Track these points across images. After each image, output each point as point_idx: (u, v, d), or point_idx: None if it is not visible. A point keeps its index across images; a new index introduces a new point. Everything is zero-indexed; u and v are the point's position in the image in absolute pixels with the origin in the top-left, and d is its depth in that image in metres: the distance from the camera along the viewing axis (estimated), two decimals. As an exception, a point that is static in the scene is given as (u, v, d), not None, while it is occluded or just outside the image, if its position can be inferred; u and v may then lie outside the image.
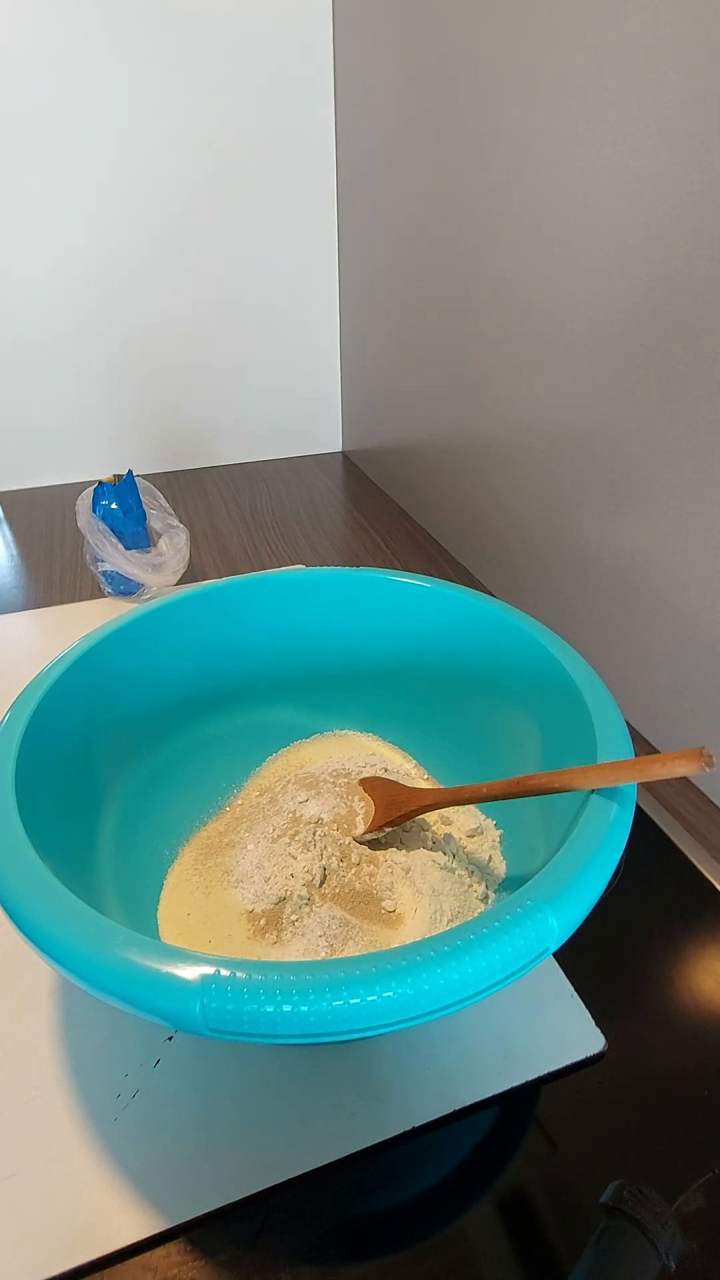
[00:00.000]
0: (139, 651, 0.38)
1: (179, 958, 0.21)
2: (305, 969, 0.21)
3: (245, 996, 0.20)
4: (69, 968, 0.21)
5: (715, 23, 0.35)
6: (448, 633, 0.41)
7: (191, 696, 0.42)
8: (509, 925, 0.22)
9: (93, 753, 0.36)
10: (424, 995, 0.20)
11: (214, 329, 0.90)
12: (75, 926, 0.22)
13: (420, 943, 0.21)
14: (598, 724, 0.30)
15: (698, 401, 0.40)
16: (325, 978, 0.20)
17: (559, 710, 0.33)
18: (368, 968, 0.20)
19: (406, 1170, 0.29)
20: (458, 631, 0.40)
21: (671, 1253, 0.26)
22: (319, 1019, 0.20)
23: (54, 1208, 0.27)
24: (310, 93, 0.81)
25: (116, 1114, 0.30)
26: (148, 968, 0.21)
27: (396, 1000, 0.20)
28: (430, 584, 0.41)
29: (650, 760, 0.25)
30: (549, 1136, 0.30)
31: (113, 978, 0.21)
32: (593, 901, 0.23)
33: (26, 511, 0.86)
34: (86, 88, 0.74)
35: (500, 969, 0.21)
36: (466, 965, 0.21)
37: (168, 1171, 0.28)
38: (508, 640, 0.37)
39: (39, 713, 0.31)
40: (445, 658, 0.41)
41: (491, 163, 0.54)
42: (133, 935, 0.22)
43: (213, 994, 0.20)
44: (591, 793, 0.26)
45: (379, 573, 0.42)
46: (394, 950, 0.21)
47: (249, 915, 0.34)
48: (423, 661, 0.42)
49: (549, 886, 0.23)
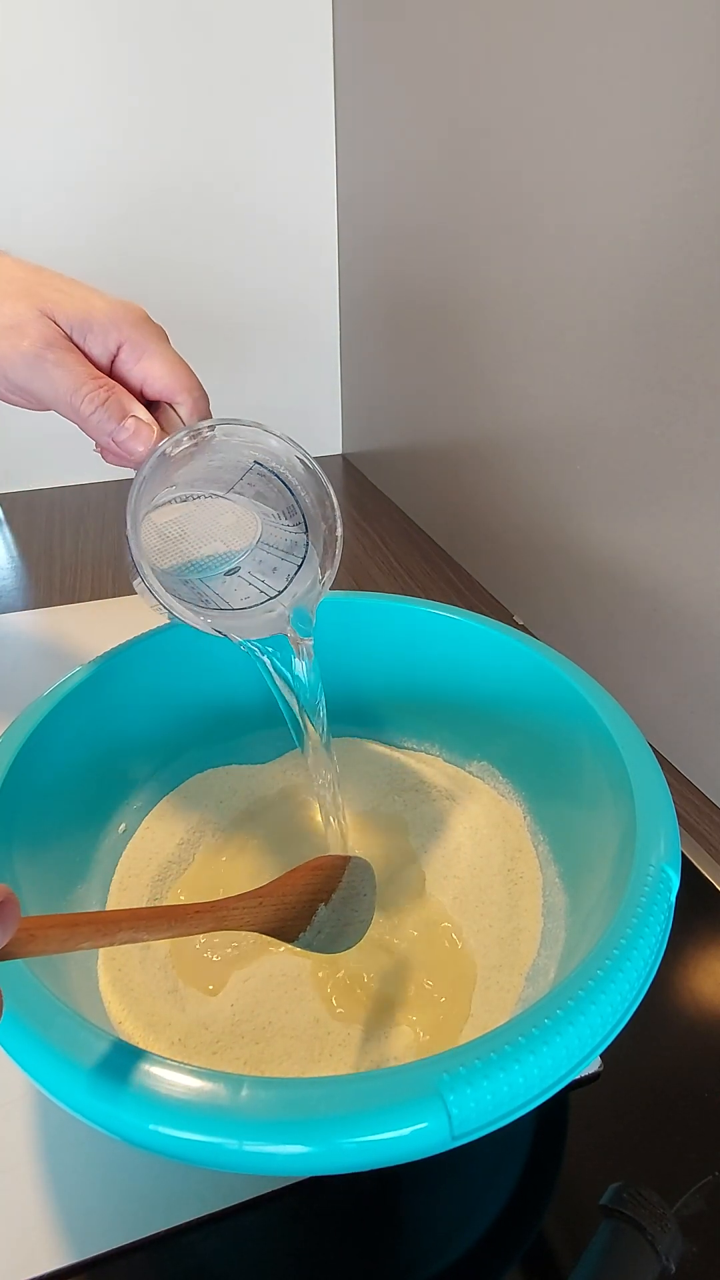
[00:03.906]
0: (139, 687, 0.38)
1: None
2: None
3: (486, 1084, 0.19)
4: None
5: (715, 22, 0.35)
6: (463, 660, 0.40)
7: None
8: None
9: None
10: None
11: (213, 330, 0.90)
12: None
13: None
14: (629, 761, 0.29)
15: (698, 402, 0.40)
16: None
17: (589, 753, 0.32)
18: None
19: (406, 1171, 0.29)
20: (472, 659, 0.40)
21: (672, 1255, 0.26)
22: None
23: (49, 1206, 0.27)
24: (311, 91, 0.81)
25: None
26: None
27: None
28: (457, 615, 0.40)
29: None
30: (549, 1138, 0.30)
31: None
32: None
33: (26, 513, 0.86)
34: (87, 88, 0.74)
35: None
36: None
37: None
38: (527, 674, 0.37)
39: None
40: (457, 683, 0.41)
41: (492, 163, 0.54)
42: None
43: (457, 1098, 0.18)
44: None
45: (397, 601, 0.42)
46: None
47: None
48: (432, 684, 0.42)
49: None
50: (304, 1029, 0.30)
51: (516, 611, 0.64)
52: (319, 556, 0.33)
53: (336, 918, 0.28)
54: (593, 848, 0.30)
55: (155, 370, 0.30)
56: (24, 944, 0.17)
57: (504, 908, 0.34)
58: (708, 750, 0.45)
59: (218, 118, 0.79)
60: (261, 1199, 0.27)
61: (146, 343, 0.30)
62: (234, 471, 0.32)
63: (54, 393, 0.30)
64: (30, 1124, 0.30)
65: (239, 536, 0.34)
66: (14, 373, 0.30)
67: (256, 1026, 0.30)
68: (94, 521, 0.84)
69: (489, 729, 0.40)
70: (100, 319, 0.30)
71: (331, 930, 0.28)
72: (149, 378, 0.31)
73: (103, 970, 0.32)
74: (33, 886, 0.29)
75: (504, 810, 0.39)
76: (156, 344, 0.31)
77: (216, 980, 0.32)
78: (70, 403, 0.30)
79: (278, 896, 0.26)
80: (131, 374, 0.31)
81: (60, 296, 0.30)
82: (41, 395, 0.30)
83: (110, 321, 0.30)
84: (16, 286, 0.30)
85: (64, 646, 0.59)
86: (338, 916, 0.28)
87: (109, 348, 0.30)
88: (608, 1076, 0.31)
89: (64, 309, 0.30)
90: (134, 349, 0.30)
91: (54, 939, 0.18)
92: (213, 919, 0.23)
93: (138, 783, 0.39)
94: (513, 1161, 0.29)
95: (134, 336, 0.30)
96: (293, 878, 0.27)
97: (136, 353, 0.30)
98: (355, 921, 0.29)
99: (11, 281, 0.30)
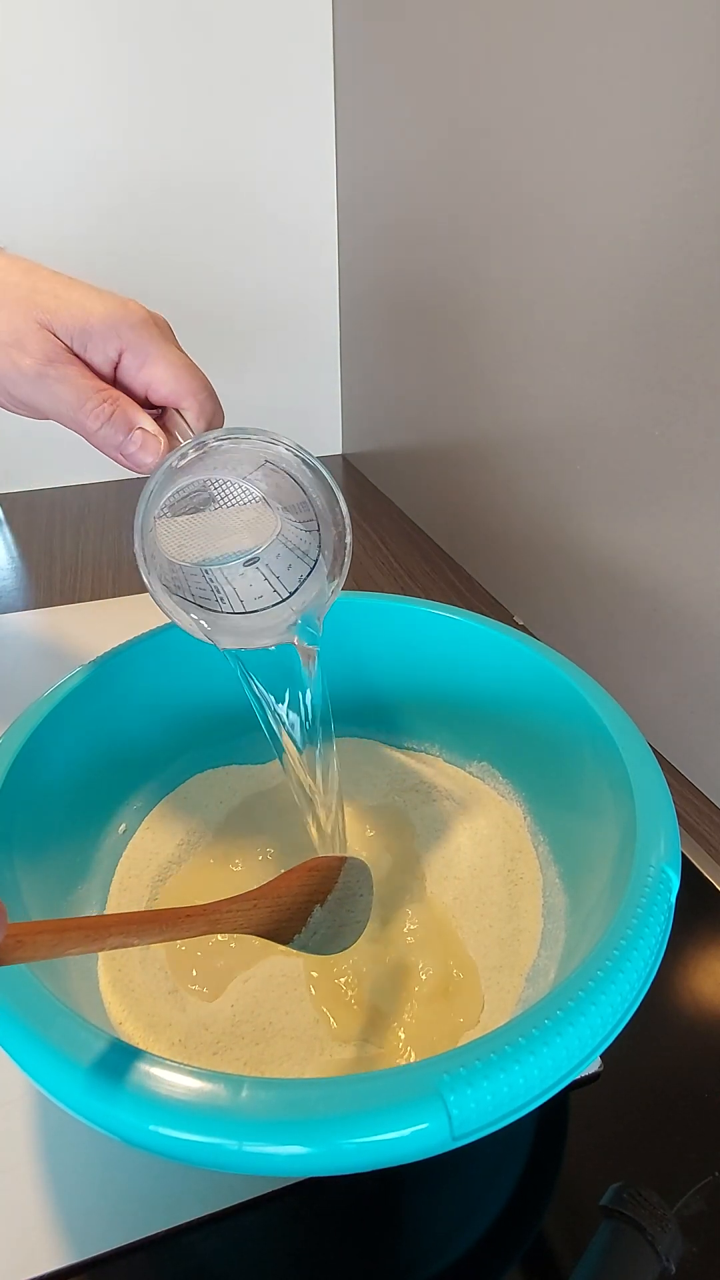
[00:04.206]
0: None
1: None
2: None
3: (486, 1084, 0.19)
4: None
5: (715, 22, 0.35)
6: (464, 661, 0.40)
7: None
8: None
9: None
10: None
11: (213, 330, 0.90)
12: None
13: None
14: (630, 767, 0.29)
15: (698, 402, 0.40)
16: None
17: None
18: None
19: (407, 1171, 0.29)
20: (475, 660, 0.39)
21: (672, 1255, 0.26)
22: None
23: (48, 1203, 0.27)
24: (311, 91, 0.81)
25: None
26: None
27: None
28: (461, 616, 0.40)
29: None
30: (549, 1139, 0.30)
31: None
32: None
33: (26, 513, 0.86)
34: (87, 88, 0.74)
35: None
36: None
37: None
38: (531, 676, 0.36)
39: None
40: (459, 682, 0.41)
41: (492, 163, 0.54)
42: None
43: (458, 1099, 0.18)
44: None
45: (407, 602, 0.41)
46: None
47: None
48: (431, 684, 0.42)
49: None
50: (304, 1030, 0.30)
51: (516, 611, 0.64)
52: (328, 565, 0.32)
53: (332, 919, 0.28)
54: (593, 848, 0.30)
55: (159, 375, 0.30)
56: (11, 950, 0.17)
57: (504, 908, 0.34)
58: (708, 750, 0.45)
59: (218, 118, 0.79)
60: (261, 1199, 0.27)
61: (148, 346, 0.30)
62: (249, 464, 0.32)
63: (58, 409, 0.30)
64: (30, 1124, 0.30)
65: (257, 533, 0.34)
66: (17, 389, 0.30)
67: (257, 1027, 0.30)
68: (94, 522, 0.84)
69: (489, 729, 0.40)
70: (99, 325, 0.29)
71: (327, 931, 0.28)
72: (153, 383, 0.30)
73: (103, 971, 0.32)
74: (33, 887, 0.29)
75: (504, 811, 0.39)
76: (158, 346, 0.30)
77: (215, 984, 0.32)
78: (75, 418, 0.30)
79: (272, 898, 0.26)
80: (135, 380, 0.30)
81: (57, 304, 0.29)
82: (46, 411, 0.30)
83: (109, 327, 0.29)
84: (12, 294, 0.29)
85: (64, 647, 0.59)
86: (334, 918, 0.28)
87: (110, 355, 0.30)
88: (608, 1076, 0.31)
89: (62, 319, 0.29)
90: (136, 354, 0.30)
91: (42, 945, 0.18)
92: (205, 922, 0.23)
93: (138, 783, 0.39)
94: (513, 1162, 0.29)
95: (135, 341, 0.30)
96: (287, 879, 0.27)
97: (139, 358, 0.30)
98: (351, 922, 0.29)
99: (6, 288, 0.30)
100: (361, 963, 0.32)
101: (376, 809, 0.41)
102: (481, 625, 0.39)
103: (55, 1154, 0.29)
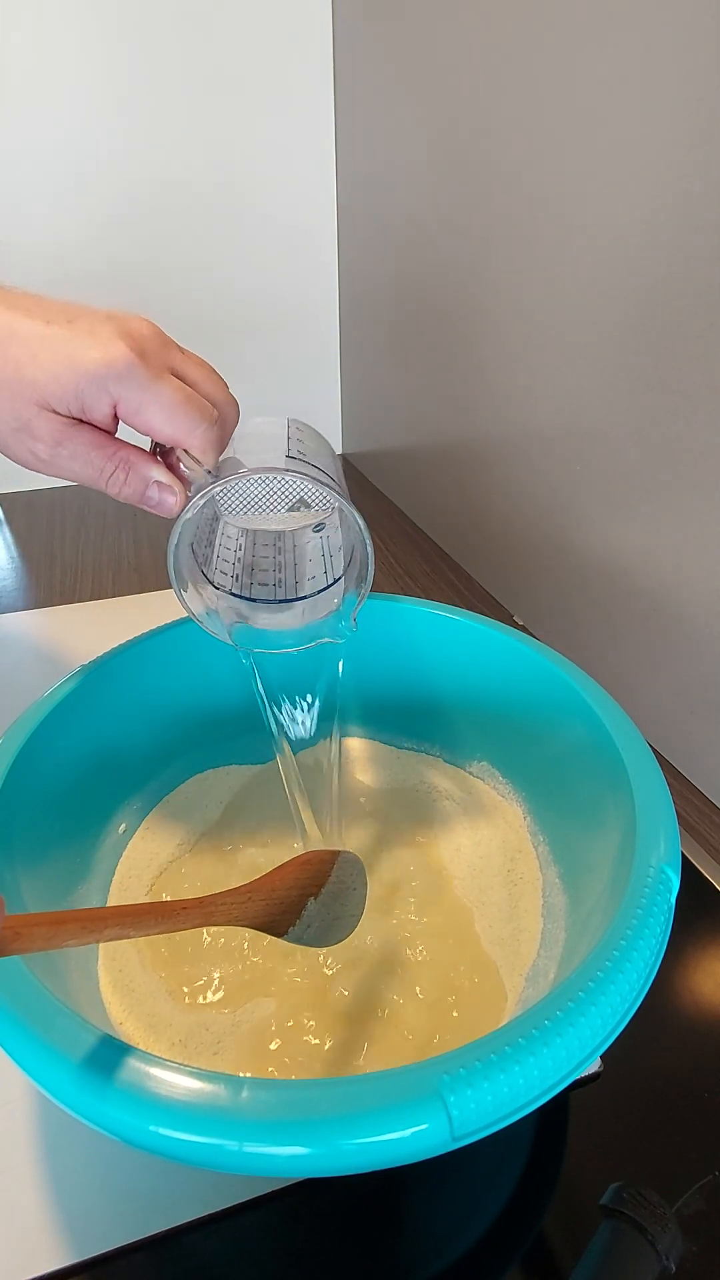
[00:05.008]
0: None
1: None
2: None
3: (486, 1085, 0.19)
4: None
5: (715, 22, 0.35)
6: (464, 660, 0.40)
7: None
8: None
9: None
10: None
11: (213, 330, 0.90)
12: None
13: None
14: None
15: (698, 402, 0.40)
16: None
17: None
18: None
19: (407, 1171, 0.29)
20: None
21: (672, 1254, 0.26)
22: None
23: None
24: (311, 91, 0.81)
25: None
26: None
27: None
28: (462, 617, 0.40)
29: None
30: (550, 1139, 0.30)
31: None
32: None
33: (26, 513, 0.86)
34: (87, 88, 0.74)
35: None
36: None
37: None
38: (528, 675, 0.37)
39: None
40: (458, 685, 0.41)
41: (492, 163, 0.54)
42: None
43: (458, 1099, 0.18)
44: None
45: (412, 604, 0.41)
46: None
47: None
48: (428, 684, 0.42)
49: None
50: (304, 1029, 0.30)
51: (516, 611, 0.64)
52: (354, 567, 0.35)
53: (326, 912, 0.28)
54: (593, 848, 0.30)
55: (153, 423, 0.30)
56: (9, 941, 0.17)
57: (504, 909, 0.34)
58: (708, 750, 0.45)
59: (218, 118, 0.79)
60: (261, 1199, 0.27)
61: (136, 395, 0.29)
62: (280, 502, 0.35)
63: (79, 480, 0.31)
64: (30, 1124, 0.30)
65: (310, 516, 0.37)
66: (40, 469, 0.31)
67: (257, 1027, 0.30)
68: (95, 522, 0.84)
69: (489, 729, 0.40)
70: (87, 387, 0.29)
71: (321, 924, 0.28)
72: (150, 430, 0.30)
73: (103, 971, 0.32)
74: (34, 887, 0.29)
75: (504, 811, 0.39)
76: (147, 391, 0.29)
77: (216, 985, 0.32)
78: (97, 488, 0.32)
79: (266, 891, 0.26)
80: (136, 424, 0.31)
81: (45, 377, 0.29)
82: (69, 480, 0.32)
83: (97, 386, 0.29)
84: (6, 372, 0.29)
85: (64, 647, 0.59)
86: (327, 911, 0.28)
87: (107, 410, 0.30)
88: (608, 1077, 0.31)
89: (55, 393, 0.29)
90: (127, 404, 0.29)
91: (39, 936, 0.18)
92: (200, 914, 0.23)
93: (138, 783, 0.39)
94: (513, 1162, 0.29)
95: (123, 393, 0.29)
96: (281, 873, 0.27)
97: (131, 409, 0.29)
98: (345, 915, 0.30)
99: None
100: (364, 963, 0.32)
101: (375, 808, 0.41)
102: (481, 625, 0.39)
103: (55, 1154, 0.29)
